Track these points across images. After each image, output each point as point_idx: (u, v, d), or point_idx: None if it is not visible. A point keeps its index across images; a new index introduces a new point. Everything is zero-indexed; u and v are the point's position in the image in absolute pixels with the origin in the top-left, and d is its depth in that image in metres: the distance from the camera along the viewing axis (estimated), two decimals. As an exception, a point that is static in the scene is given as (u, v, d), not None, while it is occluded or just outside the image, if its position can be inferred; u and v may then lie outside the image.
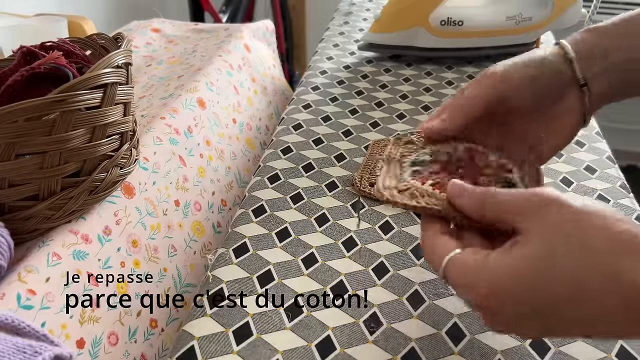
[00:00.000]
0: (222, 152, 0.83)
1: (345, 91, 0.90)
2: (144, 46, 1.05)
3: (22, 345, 0.38)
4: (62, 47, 0.60)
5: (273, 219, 0.62)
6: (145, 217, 0.62)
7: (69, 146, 0.50)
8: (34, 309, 0.46)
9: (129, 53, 0.57)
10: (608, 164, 0.71)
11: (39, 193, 0.51)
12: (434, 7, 0.95)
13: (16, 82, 0.54)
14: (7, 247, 0.48)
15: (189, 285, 0.66)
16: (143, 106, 0.81)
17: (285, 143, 0.76)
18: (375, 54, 1.02)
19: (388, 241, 0.59)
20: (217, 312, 0.50)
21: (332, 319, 0.50)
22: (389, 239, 0.59)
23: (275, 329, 0.49)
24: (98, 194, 0.55)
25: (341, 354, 0.46)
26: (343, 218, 0.62)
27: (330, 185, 0.67)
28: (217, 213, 0.77)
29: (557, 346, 0.47)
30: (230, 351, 0.47)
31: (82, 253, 0.53)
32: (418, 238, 0.59)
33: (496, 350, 0.46)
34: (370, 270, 0.55)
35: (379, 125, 0.80)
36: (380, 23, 0.99)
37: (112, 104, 0.54)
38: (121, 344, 0.54)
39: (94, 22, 0.96)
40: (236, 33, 1.05)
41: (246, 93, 0.97)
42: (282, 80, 1.16)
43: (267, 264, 0.56)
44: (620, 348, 0.46)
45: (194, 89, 0.82)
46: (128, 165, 0.60)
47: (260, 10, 2.03)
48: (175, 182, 0.69)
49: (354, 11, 1.28)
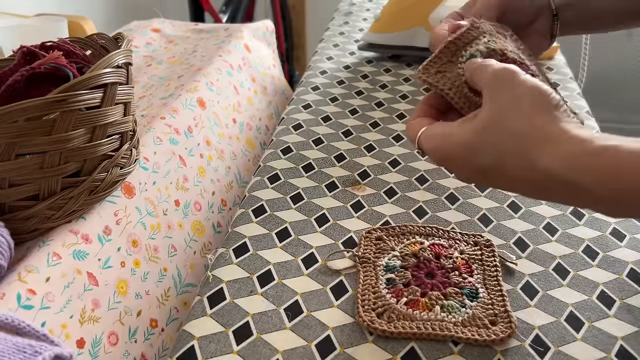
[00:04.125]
0: (222, 152, 0.83)
1: (345, 91, 0.90)
2: (144, 46, 1.05)
3: (22, 345, 0.38)
4: (62, 47, 0.60)
5: (273, 219, 0.62)
6: (146, 217, 0.62)
7: (69, 146, 0.50)
8: (34, 309, 0.46)
9: (129, 53, 0.57)
10: (608, 164, 0.70)
11: (39, 193, 0.51)
12: (434, 7, 0.95)
13: (16, 82, 0.54)
14: (7, 247, 0.48)
15: (189, 285, 0.66)
16: (143, 106, 0.81)
17: (285, 143, 0.76)
18: (375, 54, 1.02)
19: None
20: (217, 312, 0.50)
21: (332, 319, 0.50)
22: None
23: (275, 329, 0.49)
24: (98, 193, 0.55)
25: (341, 354, 0.46)
26: (343, 218, 0.62)
27: (330, 186, 0.67)
28: (217, 213, 0.77)
29: (557, 346, 0.47)
30: (230, 351, 0.47)
31: (82, 253, 0.53)
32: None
33: (496, 350, 0.46)
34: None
35: (379, 125, 0.80)
36: (380, 23, 0.99)
37: (112, 104, 0.54)
38: (121, 343, 0.54)
39: (94, 22, 0.96)
40: (236, 33, 1.05)
41: (246, 93, 0.97)
42: (282, 80, 1.16)
43: (267, 264, 0.56)
44: (620, 348, 0.46)
45: (194, 89, 0.82)
46: (128, 165, 0.60)
47: (260, 10, 2.03)
48: (175, 182, 0.69)
49: (354, 11, 1.28)
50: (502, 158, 0.39)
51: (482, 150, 0.40)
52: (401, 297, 0.50)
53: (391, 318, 0.49)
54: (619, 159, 0.35)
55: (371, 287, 0.52)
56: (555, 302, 0.51)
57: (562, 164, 0.36)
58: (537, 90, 0.39)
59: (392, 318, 0.49)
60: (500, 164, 0.39)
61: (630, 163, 0.34)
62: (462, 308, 0.49)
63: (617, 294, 0.52)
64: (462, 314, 0.49)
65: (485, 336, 0.46)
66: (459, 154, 0.41)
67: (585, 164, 0.35)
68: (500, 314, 0.49)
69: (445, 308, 0.49)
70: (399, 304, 0.50)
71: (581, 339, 0.47)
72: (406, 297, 0.50)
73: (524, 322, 0.49)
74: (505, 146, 0.38)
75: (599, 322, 0.49)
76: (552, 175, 0.37)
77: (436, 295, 0.50)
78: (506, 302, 0.50)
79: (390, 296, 0.51)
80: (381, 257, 0.55)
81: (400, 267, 0.54)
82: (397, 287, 0.51)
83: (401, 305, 0.50)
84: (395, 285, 0.52)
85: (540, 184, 0.38)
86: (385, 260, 0.55)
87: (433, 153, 0.43)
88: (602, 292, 0.52)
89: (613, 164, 0.35)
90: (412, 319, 0.48)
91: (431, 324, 0.48)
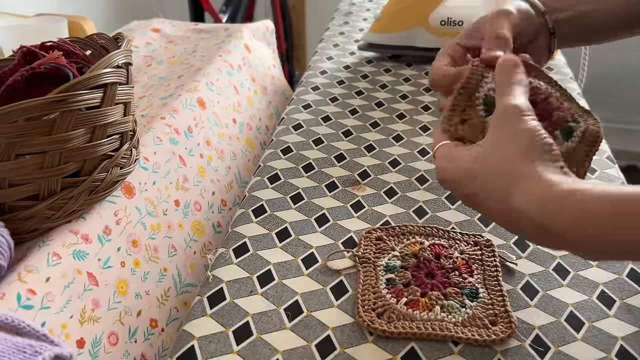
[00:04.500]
0: (222, 152, 0.83)
1: (345, 91, 0.90)
2: (144, 46, 1.05)
3: (22, 345, 0.38)
4: (62, 47, 0.60)
5: (273, 219, 0.62)
6: (145, 217, 0.62)
7: (69, 146, 0.50)
8: (34, 309, 0.46)
9: (129, 53, 0.57)
10: (608, 164, 0.71)
11: (39, 193, 0.51)
12: (434, 7, 0.95)
13: (16, 82, 0.54)
14: (7, 247, 0.48)
15: (189, 285, 0.66)
16: (143, 106, 0.81)
17: (285, 143, 0.76)
18: (375, 54, 1.02)
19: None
20: (217, 312, 0.50)
21: (332, 319, 0.50)
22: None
23: (275, 329, 0.49)
24: (98, 193, 0.55)
25: (341, 354, 0.46)
26: (343, 218, 0.62)
27: (330, 186, 0.67)
28: (217, 213, 0.77)
29: (557, 346, 0.47)
30: (230, 351, 0.47)
31: (82, 253, 0.53)
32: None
33: (496, 350, 0.46)
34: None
35: (379, 125, 0.80)
36: (380, 23, 0.99)
37: (112, 104, 0.54)
38: (121, 343, 0.54)
39: (94, 22, 0.96)
40: (236, 33, 1.05)
41: (246, 93, 0.97)
42: (282, 80, 1.16)
43: (267, 264, 0.56)
44: (620, 348, 0.46)
45: (194, 89, 0.82)
46: (128, 165, 0.60)
47: (260, 10, 2.03)
48: (175, 182, 0.69)
49: (354, 11, 1.28)
50: (488, 190, 0.41)
51: (476, 178, 0.42)
52: (401, 297, 0.50)
53: (391, 318, 0.49)
54: (584, 204, 0.35)
55: (371, 287, 0.52)
56: (555, 302, 0.51)
57: (535, 206, 0.37)
58: (534, 131, 0.40)
59: (392, 318, 0.49)
60: (486, 195, 0.41)
61: (595, 209, 0.35)
62: (462, 308, 0.49)
63: (617, 294, 0.52)
64: (462, 314, 0.49)
65: (485, 336, 0.47)
66: (459, 178, 0.43)
67: (554, 209, 0.36)
68: (500, 314, 0.49)
69: (445, 308, 0.49)
70: (399, 304, 0.50)
71: (581, 339, 0.47)
72: (406, 297, 0.50)
73: (524, 322, 0.49)
74: (493, 178, 0.40)
75: (599, 322, 0.49)
76: (524, 214, 0.38)
77: (436, 296, 0.50)
78: (506, 302, 0.50)
79: (390, 296, 0.51)
80: (381, 257, 0.55)
81: (400, 267, 0.54)
82: (397, 287, 0.51)
83: (401, 305, 0.50)
84: (395, 285, 0.52)
85: (513, 222, 0.40)
86: (385, 260, 0.55)
87: (438, 171, 0.45)
88: (602, 292, 0.52)
89: (578, 209, 0.36)
90: (412, 319, 0.48)
91: (431, 324, 0.48)
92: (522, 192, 0.38)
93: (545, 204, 0.37)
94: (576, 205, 0.36)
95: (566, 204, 0.36)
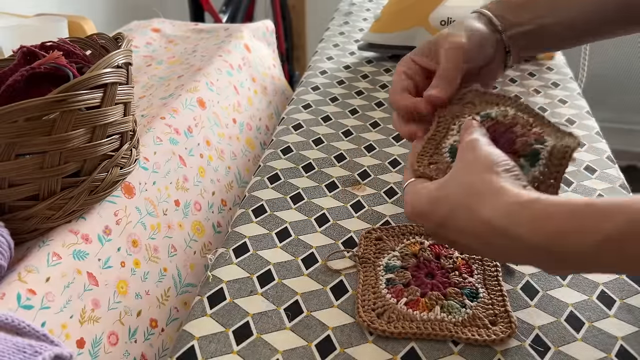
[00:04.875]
0: (222, 152, 0.83)
1: (345, 91, 0.90)
2: (144, 46, 1.05)
3: (22, 345, 0.38)
4: (62, 47, 0.60)
5: (273, 219, 0.62)
6: (145, 217, 0.62)
7: (69, 146, 0.50)
8: (34, 309, 0.46)
9: (129, 53, 0.57)
10: (608, 164, 0.71)
11: (39, 193, 0.51)
12: (434, 7, 0.95)
13: (16, 82, 0.54)
14: (7, 247, 0.48)
15: (189, 285, 0.66)
16: (143, 106, 0.81)
17: (285, 143, 0.76)
18: (375, 54, 1.02)
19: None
20: (217, 312, 0.50)
21: (332, 319, 0.50)
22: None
23: (275, 329, 0.49)
24: (98, 193, 0.56)
25: (341, 354, 0.46)
26: (343, 218, 0.62)
27: (330, 186, 0.67)
28: (217, 213, 0.77)
29: (557, 346, 0.47)
30: (230, 351, 0.47)
31: (82, 253, 0.53)
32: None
33: (496, 351, 0.46)
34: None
35: (379, 125, 0.80)
36: (380, 23, 0.99)
37: (112, 103, 0.54)
38: (121, 343, 0.54)
39: (94, 22, 0.96)
40: (236, 33, 1.05)
41: (246, 93, 0.97)
42: (282, 80, 1.16)
43: (267, 264, 0.56)
44: (620, 348, 0.46)
45: (194, 89, 0.82)
46: (128, 165, 0.60)
47: (260, 10, 2.03)
48: (175, 182, 0.69)
49: (354, 11, 1.28)
50: (454, 209, 0.42)
51: (441, 202, 0.43)
52: (401, 297, 0.50)
53: (391, 318, 0.49)
54: (547, 205, 0.38)
55: (371, 287, 0.52)
56: (555, 302, 0.51)
57: (500, 214, 0.39)
58: (495, 154, 0.43)
59: (392, 318, 0.49)
60: (453, 215, 0.42)
61: (558, 209, 0.37)
62: (462, 308, 0.49)
63: (617, 294, 0.52)
64: (462, 314, 0.49)
65: (485, 336, 0.47)
66: (425, 208, 0.45)
67: (519, 215, 0.38)
68: (500, 314, 0.49)
69: (445, 308, 0.49)
70: (399, 304, 0.50)
71: (581, 339, 0.47)
72: (406, 297, 0.50)
73: (524, 322, 0.49)
74: (458, 197, 0.42)
75: (599, 322, 0.49)
76: (493, 226, 0.39)
77: (436, 296, 0.50)
78: (506, 302, 0.50)
79: (390, 296, 0.51)
80: (381, 257, 0.55)
81: (400, 267, 0.54)
82: (397, 287, 0.51)
83: (401, 305, 0.50)
84: (395, 285, 0.52)
85: (483, 236, 0.41)
86: (385, 261, 0.55)
87: (406, 205, 0.47)
88: (602, 292, 0.52)
89: (543, 212, 0.38)
90: (412, 319, 0.48)
91: (431, 324, 0.48)
92: (489, 206, 0.40)
93: (511, 213, 0.39)
94: (541, 211, 0.38)
95: (531, 209, 0.38)
